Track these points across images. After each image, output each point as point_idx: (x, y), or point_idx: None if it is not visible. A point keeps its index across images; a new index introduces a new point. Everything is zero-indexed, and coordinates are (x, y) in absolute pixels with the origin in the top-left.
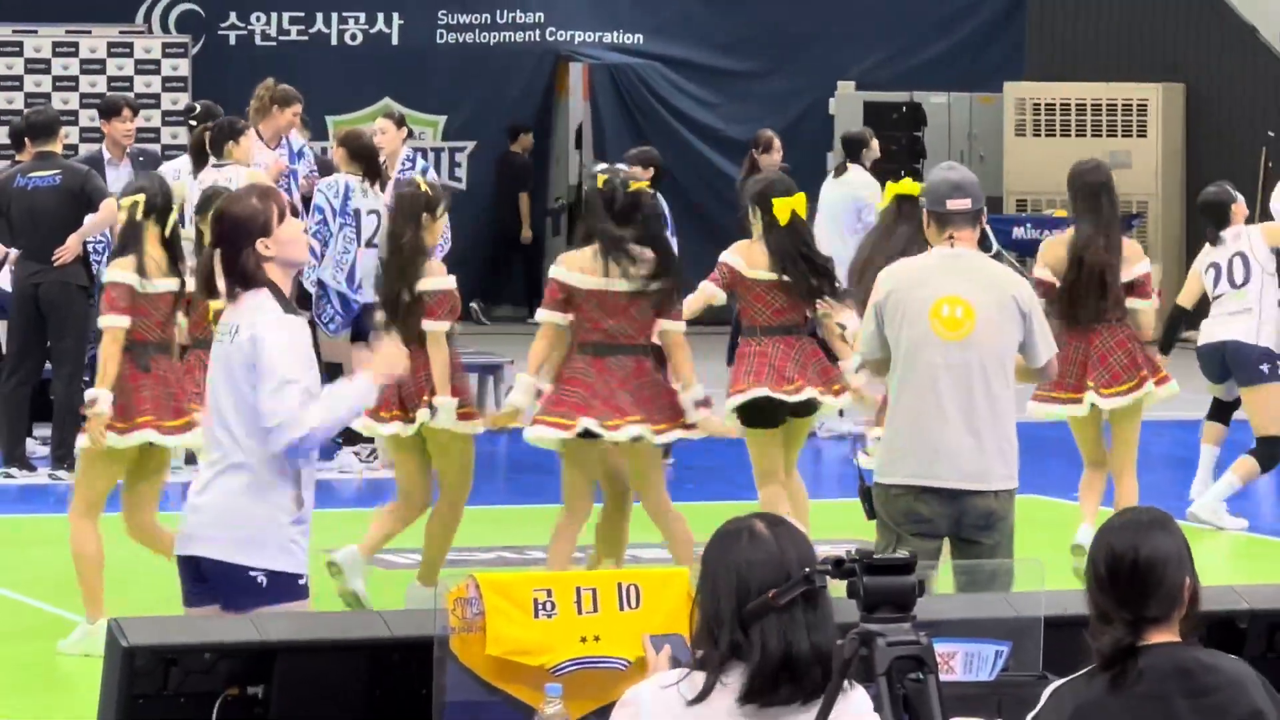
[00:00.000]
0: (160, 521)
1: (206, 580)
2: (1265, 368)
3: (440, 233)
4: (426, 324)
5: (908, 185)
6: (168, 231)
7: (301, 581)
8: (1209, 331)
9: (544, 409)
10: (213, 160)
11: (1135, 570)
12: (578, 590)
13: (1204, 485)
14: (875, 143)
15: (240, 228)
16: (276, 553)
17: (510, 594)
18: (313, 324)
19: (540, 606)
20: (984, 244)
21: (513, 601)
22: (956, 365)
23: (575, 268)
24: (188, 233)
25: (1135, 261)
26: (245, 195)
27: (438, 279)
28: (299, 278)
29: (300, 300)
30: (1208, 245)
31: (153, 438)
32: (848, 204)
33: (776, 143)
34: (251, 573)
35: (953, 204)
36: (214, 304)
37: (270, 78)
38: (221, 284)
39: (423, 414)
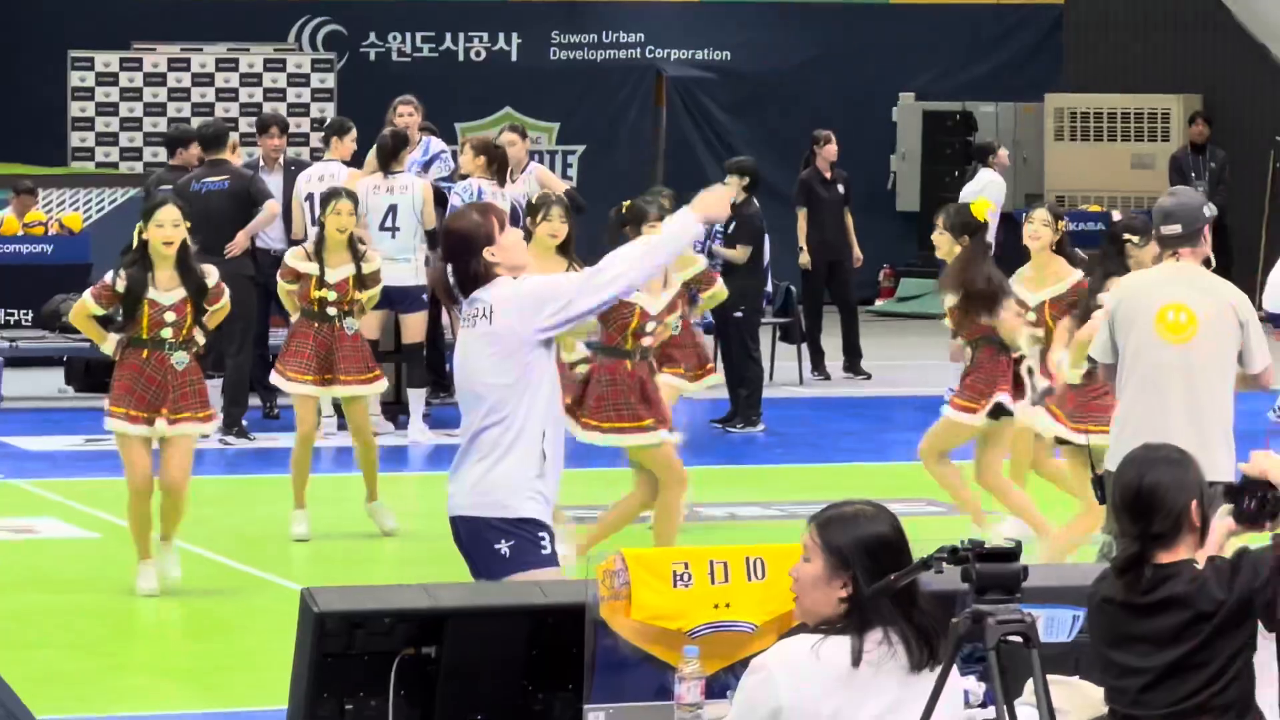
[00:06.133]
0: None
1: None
2: None
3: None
4: None
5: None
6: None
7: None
8: None
9: None
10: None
11: (1139, 495)
12: (710, 563)
13: None
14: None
15: (466, 241)
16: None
17: (652, 566)
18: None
19: (678, 577)
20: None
21: (654, 573)
22: (1179, 365)
23: None
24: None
25: None
26: (467, 212)
27: None
28: None
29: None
30: None
31: None
32: None
33: (832, 138)
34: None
35: (1165, 229)
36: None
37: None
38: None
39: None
